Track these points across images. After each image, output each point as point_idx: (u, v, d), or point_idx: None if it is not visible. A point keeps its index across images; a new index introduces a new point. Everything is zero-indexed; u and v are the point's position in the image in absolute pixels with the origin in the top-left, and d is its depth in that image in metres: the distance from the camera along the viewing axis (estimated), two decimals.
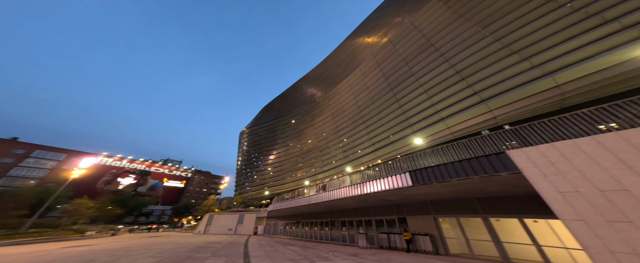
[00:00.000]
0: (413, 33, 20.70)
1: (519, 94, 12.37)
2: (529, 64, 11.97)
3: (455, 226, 9.21)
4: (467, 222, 8.83)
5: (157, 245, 13.42)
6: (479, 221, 8.38)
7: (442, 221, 9.70)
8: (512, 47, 12.88)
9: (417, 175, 7.74)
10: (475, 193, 7.97)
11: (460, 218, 9.02)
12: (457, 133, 16.94)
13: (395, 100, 21.88)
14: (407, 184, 7.88)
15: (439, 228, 9.62)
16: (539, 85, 11.48)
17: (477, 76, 14.52)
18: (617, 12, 9.24)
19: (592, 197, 3.32)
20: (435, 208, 10.12)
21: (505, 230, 7.62)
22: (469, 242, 8.44)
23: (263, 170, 48.27)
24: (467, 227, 8.74)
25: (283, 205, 17.93)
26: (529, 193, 7.20)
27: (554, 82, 11.02)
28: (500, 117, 14.07)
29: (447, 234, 9.36)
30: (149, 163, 71.30)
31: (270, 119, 55.91)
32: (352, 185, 10.88)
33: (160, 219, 64.22)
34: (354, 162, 27.66)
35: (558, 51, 10.85)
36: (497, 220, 7.91)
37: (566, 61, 10.46)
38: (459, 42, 16.08)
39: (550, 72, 11.01)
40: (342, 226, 15.61)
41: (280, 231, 27.06)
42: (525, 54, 12.15)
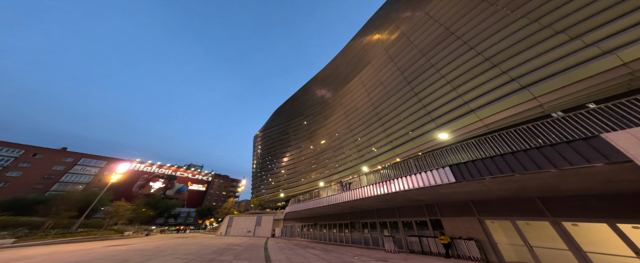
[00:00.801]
0: (429, 23, 19.01)
1: (573, 77, 10.26)
2: (582, 42, 9.89)
3: (508, 230, 7.50)
4: (527, 226, 7.09)
5: (184, 246, 13.57)
6: (546, 225, 6.65)
7: (491, 224, 8.00)
8: (554, 27, 10.84)
9: (461, 169, 6.32)
10: (540, 191, 6.31)
11: (517, 221, 7.31)
12: (492, 125, 14.80)
13: (414, 93, 20.14)
14: (448, 181, 6.49)
15: (487, 231, 7.95)
16: (600, 64, 9.35)
17: (513, 61, 12.52)
18: None
19: None
20: (479, 208, 8.46)
21: (587, 237, 5.84)
22: (532, 250, 6.71)
23: (277, 172, 48.15)
24: (528, 232, 7.01)
25: (301, 206, 17.00)
26: (621, 191, 5.44)
27: (619, 60, 8.87)
28: (548, 104, 11.88)
29: (499, 239, 7.65)
30: (174, 168, 75.42)
31: (282, 121, 56.12)
32: (376, 184, 9.60)
33: (187, 221, 67.11)
34: (370, 162, 26.02)
35: (620, 25, 8.75)
36: (574, 224, 6.14)
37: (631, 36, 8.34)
38: (484, 28, 14.20)
39: (613, 49, 8.89)
40: (364, 228, 14.21)
41: (297, 233, 26.11)
42: (575, 32, 10.08)
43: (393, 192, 8.68)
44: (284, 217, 28.90)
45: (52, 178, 49.82)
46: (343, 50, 45.52)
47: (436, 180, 6.91)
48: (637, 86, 9.60)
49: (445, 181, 6.46)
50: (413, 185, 7.90)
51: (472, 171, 5.91)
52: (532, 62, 11.88)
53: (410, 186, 8.00)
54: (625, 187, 5.05)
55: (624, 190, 5.32)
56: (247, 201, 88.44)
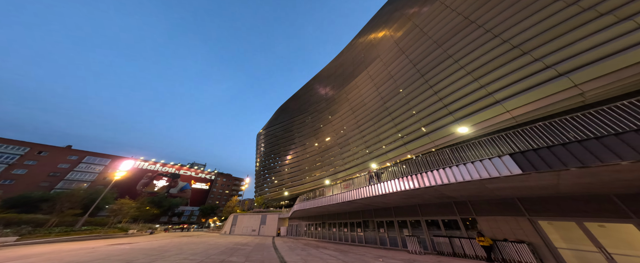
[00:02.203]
0: (445, 13, 17.61)
1: (622, 62, 8.87)
2: (635, 23, 8.49)
3: (572, 232, 6.16)
4: (600, 230, 5.75)
5: (190, 245, 12.56)
6: (630, 228, 5.30)
7: (548, 225, 6.66)
8: (598, 9, 9.45)
9: (530, 158, 4.91)
10: (622, 187, 4.95)
11: (586, 222, 5.96)
12: (520, 117, 13.36)
13: (428, 86, 18.75)
14: (508, 172, 5.12)
15: (543, 234, 6.61)
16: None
17: (548, 47, 11.12)
18: None
19: None
20: (529, 207, 7.12)
21: None
22: (611, 257, 5.37)
23: (281, 171, 46.92)
24: (601, 236, 5.67)
25: (310, 204, 15.73)
26: None
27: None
28: (591, 92, 10.44)
29: (558, 243, 6.31)
30: (177, 166, 74.46)
31: (285, 119, 54.89)
32: (403, 178, 8.28)
33: (190, 219, 65.81)
34: (379, 158, 24.65)
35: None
36: None
37: None
38: (513, 14, 12.80)
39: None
40: (379, 227, 12.91)
41: (304, 232, 24.88)
42: (623, 14, 8.69)
43: (424, 187, 7.35)
44: (290, 216, 27.69)
45: (57, 176, 49.08)
46: (348, 46, 44.12)
47: (491, 172, 5.56)
48: None
49: (504, 173, 5.13)
50: (450, 179, 6.58)
51: (550, 160, 4.56)
52: (573, 46, 10.47)
53: (447, 180, 6.68)
54: None
55: None
56: (251, 200, 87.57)
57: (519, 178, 5.22)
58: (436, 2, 18.81)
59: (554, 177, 4.82)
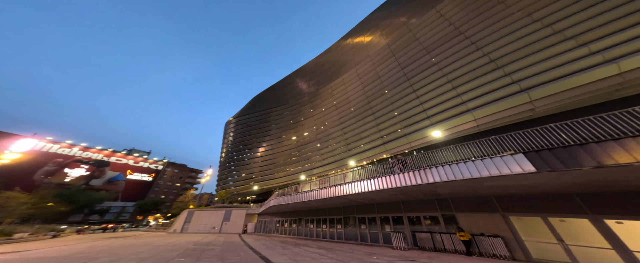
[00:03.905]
0: (438, 21, 18.73)
1: (571, 83, 10.79)
2: (588, 49, 10.40)
3: (537, 227, 6.89)
4: (561, 224, 6.53)
5: (127, 248, 9.57)
6: (585, 222, 6.13)
7: (517, 220, 7.33)
8: (565, 33, 11.32)
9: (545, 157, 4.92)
10: (598, 187, 5.62)
11: (550, 218, 6.72)
12: (483, 126, 15.19)
13: (412, 90, 19.74)
14: (521, 171, 5.17)
15: (513, 228, 7.25)
16: (598, 72, 9.95)
17: (519, 64, 12.85)
18: None
19: None
20: (503, 204, 7.76)
21: (635, 236, 5.39)
22: (568, 247, 6.13)
23: (251, 163, 43.36)
24: (561, 230, 6.44)
25: (290, 199, 14.45)
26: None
27: (617, 69, 9.52)
28: (540, 108, 12.48)
29: (525, 237, 7.00)
30: (108, 152, 59.66)
31: (261, 109, 50.96)
32: (401, 174, 7.98)
33: (119, 217, 52.68)
34: (358, 156, 25.05)
35: (624, 36, 9.35)
36: (619, 222, 5.67)
37: (634, 47, 8.98)
38: (496, 30, 14.36)
39: (615, 58, 9.48)
40: (361, 223, 12.75)
41: (275, 229, 23.33)
42: (583, 39, 10.59)
43: (426, 183, 7.17)
44: (261, 212, 25.60)
45: None
46: (337, 43, 43.63)
47: (502, 170, 5.52)
48: (617, 96, 10.64)
49: (516, 171, 5.14)
50: (457, 176, 6.44)
51: (565, 159, 4.64)
52: (537, 66, 12.27)
53: (450, 177, 6.57)
54: None
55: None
56: (210, 194, 78.98)
57: (526, 176, 5.30)
58: (432, 10, 19.77)
59: (556, 175, 5.02)
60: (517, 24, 13.41)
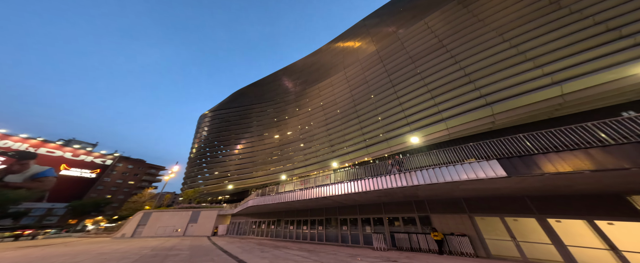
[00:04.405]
0: (425, 33, 20.24)
1: (525, 100, 12.73)
2: (541, 71, 12.41)
3: (496, 226, 7.87)
4: (514, 223, 7.56)
5: (54, 259, 7.69)
6: (532, 222, 7.21)
7: (481, 220, 8.26)
8: (526, 54, 13.29)
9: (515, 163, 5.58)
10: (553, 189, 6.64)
11: (506, 218, 7.73)
12: (453, 134, 16.92)
13: (396, 97, 20.94)
14: (494, 175, 5.76)
15: (477, 228, 8.16)
16: (546, 92, 11.96)
17: (487, 80, 14.64)
18: (633, 29, 10.12)
19: None
20: (470, 206, 8.68)
21: (569, 232, 6.55)
22: (519, 244, 7.13)
23: (227, 161, 40.64)
24: (514, 228, 7.47)
25: (273, 199, 13.86)
26: (595, 191, 6.33)
27: (560, 91, 11.58)
28: (499, 121, 14.40)
29: (487, 235, 7.93)
30: (36, 142, 48.71)
31: (243, 104, 48.29)
32: (394, 175, 8.25)
33: (44, 221, 43.50)
34: (341, 158, 25.53)
35: (569, 62, 11.43)
36: (558, 221, 6.81)
37: (576, 72, 11.06)
38: (473, 45, 16.12)
39: (560, 81, 11.51)
40: (342, 225, 12.93)
41: (251, 231, 22.20)
42: (539, 61, 12.60)
43: (410, 185, 7.58)
44: (236, 212, 24.08)
45: None
46: (328, 45, 43.97)
47: (477, 174, 6.13)
48: (557, 115, 12.92)
49: (490, 175, 5.76)
50: (439, 179, 6.91)
51: (531, 166, 5.33)
52: (502, 82, 14.10)
53: (433, 180, 7.03)
54: (609, 187, 5.72)
55: (607, 191, 6.10)
56: (174, 194, 71.53)
57: (495, 180, 5.93)
58: (421, 21, 21.22)
59: (521, 180, 5.74)
60: (490, 42, 15.29)
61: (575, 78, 10.98)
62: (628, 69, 9.75)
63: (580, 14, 11.84)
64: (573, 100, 11.54)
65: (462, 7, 17.91)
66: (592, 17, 11.34)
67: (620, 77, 10.00)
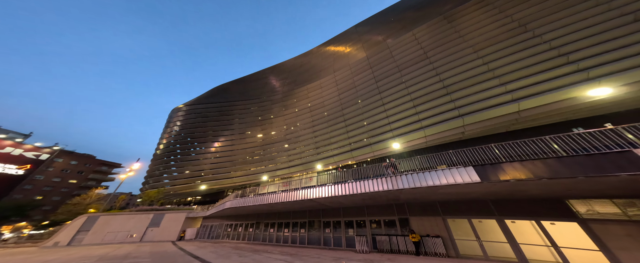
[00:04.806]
0: (412, 44, 21.77)
1: (490, 114, 14.57)
2: (504, 88, 14.33)
3: (464, 227, 8.78)
4: (479, 224, 8.53)
5: None
6: (493, 223, 8.22)
7: (452, 222, 9.13)
8: (495, 72, 15.22)
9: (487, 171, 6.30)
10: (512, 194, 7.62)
11: (472, 219, 8.68)
12: (430, 142, 18.47)
13: (382, 103, 22.04)
14: (470, 180, 6.42)
15: (449, 229, 8.99)
16: (506, 108, 13.86)
17: (461, 93, 16.37)
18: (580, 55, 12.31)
19: None
20: (444, 208, 9.53)
21: (521, 232, 7.63)
22: (482, 244, 8.06)
23: (201, 159, 37.75)
24: (479, 229, 8.43)
25: (253, 201, 13.25)
26: (543, 196, 7.54)
27: (517, 108, 13.54)
28: (467, 132, 16.20)
29: (456, 236, 8.80)
30: None
31: (225, 100, 45.66)
32: (378, 179, 8.59)
33: None
34: (325, 160, 25.76)
35: (527, 82, 13.45)
36: (513, 222, 7.89)
37: (531, 91, 13.07)
38: (452, 59, 17.88)
39: (518, 98, 13.46)
40: (325, 227, 13.00)
41: (226, 234, 20.90)
42: (504, 79, 14.56)
43: (395, 189, 7.99)
44: (209, 215, 22.47)
45: None
46: (319, 47, 44.45)
47: (456, 179, 6.73)
48: (514, 129, 15.04)
49: (467, 180, 6.39)
50: (420, 183, 7.39)
51: (499, 173, 6.06)
52: (471, 96, 15.86)
53: (416, 184, 7.50)
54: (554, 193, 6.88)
55: (551, 196, 7.29)
56: (130, 194, 63.72)
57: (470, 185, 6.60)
58: (409, 32, 22.72)
59: (488, 186, 6.49)
60: (466, 58, 17.15)
61: (530, 96, 12.99)
62: (570, 91, 11.92)
63: (540, 39, 14.08)
64: (527, 116, 13.61)
65: (446, 22, 19.82)
66: (549, 42, 13.57)
67: (564, 98, 12.16)
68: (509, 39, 15.49)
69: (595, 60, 11.69)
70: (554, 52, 13.22)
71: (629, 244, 6.07)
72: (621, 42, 11.36)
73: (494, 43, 16.02)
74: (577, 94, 11.81)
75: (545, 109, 12.86)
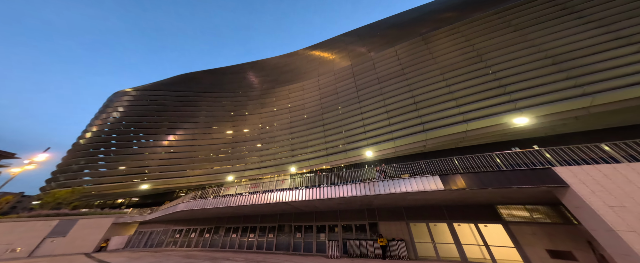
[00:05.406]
0: (393, 59, 24.02)
1: (445, 131, 17.32)
2: (458, 110, 17.25)
3: (423, 231, 10.06)
4: (434, 228, 9.92)
5: None
6: (444, 226, 9.70)
7: (413, 226, 10.34)
8: (454, 94, 18.15)
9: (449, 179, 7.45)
10: (461, 200, 9.13)
11: (430, 223, 10.04)
12: (398, 152, 20.61)
13: (360, 112, 23.45)
14: (436, 188, 7.43)
15: (411, 233, 10.14)
16: (458, 127, 16.74)
17: (426, 110, 18.96)
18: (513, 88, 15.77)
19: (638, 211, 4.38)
20: (408, 214, 10.72)
21: (464, 234, 9.24)
22: (435, 246, 9.39)
23: (145, 153, 32.18)
24: (434, 232, 9.79)
25: (216, 202, 12.03)
26: (482, 202, 9.36)
27: (465, 128, 16.50)
28: (428, 145, 18.80)
29: (416, 239, 9.99)
30: None
31: (191, 89, 40.73)
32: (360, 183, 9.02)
33: None
34: (301, 164, 25.60)
35: (474, 106, 16.56)
36: (459, 225, 9.49)
37: (476, 115, 16.17)
38: (423, 78, 20.54)
39: (467, 120, 16.43)
40: (296, 232, 12.84)
41: (172, 241, 18.30)
42: (459, 101, 17.52)
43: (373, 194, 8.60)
44: (150, 219, 19.25)
45: None
46: (306, 49, 44.80)
47: (426, 186, 7.63)
48: (462, 146, 18.20)
49: (433, 188, 7.36)
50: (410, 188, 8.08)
51: (458, 181, 7.20)
52: (433, 114, 18.50)
53: (391, 190, 8.22)
54: (489, 200, 8.65)
55: (482, 202, 9.10)
56: (20, 195, 49.68)
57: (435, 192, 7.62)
58: (391, 48, 24.94)
59: (448, 192, 7.66)
60: (434, 78, 19.96)
61: (476, 119, 16.09)
62: (502, 118, 15.28)
63: (489, 69, 17.64)
64: (472, 135, 16.75)
65: (424, 43, 22.76)
66: (495, 73, 17.13)
67: (498, 123, 15.50)
68: (467, 66, 18.87)
69: (521, 93, 15.39)
70: (496, 83, 16.81)
71: (533, 241, 8.11)
72: (540, 81, 15.27)
73: (456, 68, 19.25)
74: (506, 120, 15.28)
75: (485, 131, 16.11)
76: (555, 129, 15.64)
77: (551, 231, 8.04)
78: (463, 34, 21.22)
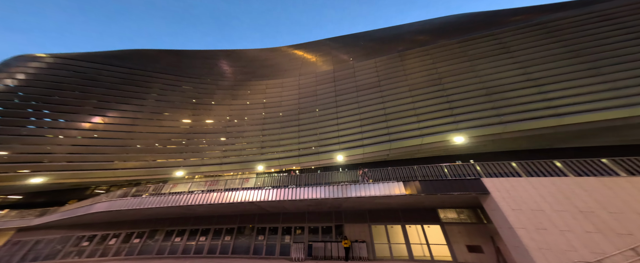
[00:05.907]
0: (372, 70, 25.97)
1: (405, 143, 19.98)
2: (418, 125, 20.15)
3: (381, 232, 11.23)
4: (391, 229, 11.22)
5: None
6: (399, 228, 11.11)
7: (374, 228, 11.41)
8: (417, 111, 21.01)
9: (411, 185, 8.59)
10: (408, 205, 10.61)
11: (387, 225, 11.31)
12: (366, 158, 22.43)
13: (336, 117, 24.44)
14: (400, 192, 8.42)
15: (371, 235, 11.16)
16: (415, 141, 19.58)
17: (393, 122, 21.36)
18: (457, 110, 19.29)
19: (529, 213, 6.13)
20: (370, 216, 11.77)
21: (412, 234, 10.79)
22: (390, 246, 10.63)
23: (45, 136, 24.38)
24: (390, 234, 11.07)
25: (163, 201, 10.38)
26: (428, 206, 11.17)
27: (421, 141, 19.45)
28: (391, 154, 21.23)
29: (375, 240, 11.05)
30: None
31: (140, 68, 33.92)
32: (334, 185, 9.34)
33: None
34: (270, 162, 24.68)
35: (429, 123, 19.69)
36: (410, 226, 11.03)
37: (430, 131, 19.29)
38: (394, 92, 22.98)
39: (424, 134, 19.39)
40: (258, 234, 12.31)
41: (74, 251, 14.80)
42: (420, 118, 20.43)
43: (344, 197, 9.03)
44: (44, 223, 15.20)
45: None
46: (290, 47, 43.98)
47: (392, 191, 8.55)
48: (418, 156, 21.25)
49: (397, 193, 8.32)
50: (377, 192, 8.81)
51: (426, 188, 8.35)
52: (397, 127, 20.99)
53: (361, 194, 8.88)
54: (430, 204, 10.45)
55: (428, 206, 10.90)
56: None
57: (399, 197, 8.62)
58: (372, 60, 26.91)
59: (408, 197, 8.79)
60: (402, 94, 22.66)
61: (428, 135, 19.22)
62: (447, 135, 18.70)
63: (444, 91, 21.20)
64: (426, 148, 19.85)
65: (400, 59, 25.53)
66: (447, 96, 20.75)
67: (443, 140, 18.89)
68: (429, 86, 22.26)
69: (462, 116, 19.23)
70: (447, 105, 20.49)
71: (459, 238, 10.17)
72: (475, 107, 19.42)
73: (421, 87, 22.48)
74: (450, 138, 18.86)
75: (436, 145, 19.38)
76: (486, 147, 20.11)
77: (470, 230, 10.29)
78: (432, 56, 24.93)
